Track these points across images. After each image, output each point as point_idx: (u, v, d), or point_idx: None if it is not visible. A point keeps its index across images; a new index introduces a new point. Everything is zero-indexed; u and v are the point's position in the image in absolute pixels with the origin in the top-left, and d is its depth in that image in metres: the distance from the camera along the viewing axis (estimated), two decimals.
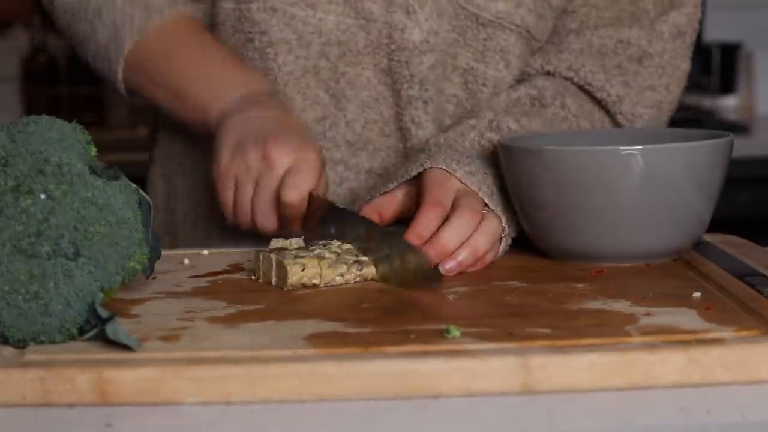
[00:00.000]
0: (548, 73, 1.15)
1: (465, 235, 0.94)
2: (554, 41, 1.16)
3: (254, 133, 1.04)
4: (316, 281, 0.90)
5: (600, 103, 1.14)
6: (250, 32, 1.12)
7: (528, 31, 1.14)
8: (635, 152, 0.93)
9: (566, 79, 1.14)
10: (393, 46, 1.11)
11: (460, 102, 1.14)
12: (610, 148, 0.95)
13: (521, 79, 1.16)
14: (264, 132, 1.03)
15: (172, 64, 1.13)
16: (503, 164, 1.00)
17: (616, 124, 1.15)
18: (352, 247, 0.94)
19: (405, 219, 1.00)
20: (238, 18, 1.13)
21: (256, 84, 1.10)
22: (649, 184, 0.93)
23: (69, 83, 2.92)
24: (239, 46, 1.13)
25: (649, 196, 0.94)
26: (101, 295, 0.77)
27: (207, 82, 1.11)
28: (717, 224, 1.04)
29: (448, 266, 0.93)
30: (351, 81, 1.12)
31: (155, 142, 1.26)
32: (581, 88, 1.14)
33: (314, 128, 1.12)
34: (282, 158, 1.02)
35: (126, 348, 0.74)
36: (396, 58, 1.11)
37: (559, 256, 0.98)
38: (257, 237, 1.06)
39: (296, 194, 1.00)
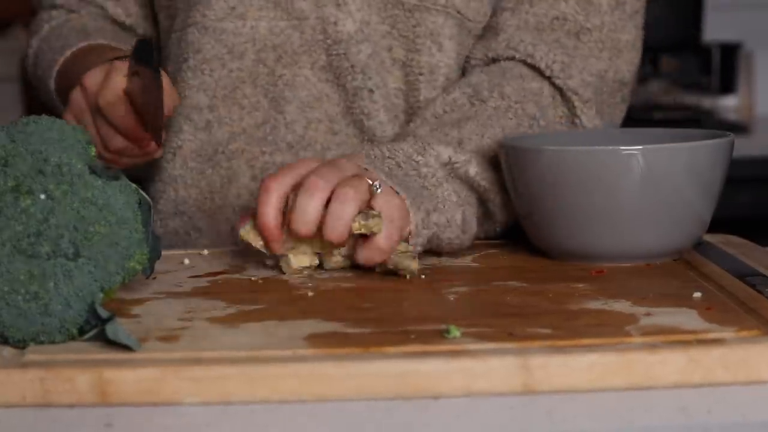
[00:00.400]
0: (493, 60, 1.12)
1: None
2: (492, 25, 1.14)
3: None
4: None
5: (546, 78, 1.11)
6: (185, 54, 1.14)
7: (458, 12, 1.13)
8: (635, 152, 0.93)
9: (508, 59, 1.11)
10: (329, 41, 1.11)
11: (405, 95, 1.14)
12: (610, 148, 0.95)
13: (460, 77, 1.14)
14: None
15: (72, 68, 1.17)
16: (503, 164, 1.00)
17: (565, 99, 1.11)
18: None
19: None
20: (177, 43, 1.15)
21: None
22: (649, 184, 0.93)
23: None
24: (177, 70, 1.15)
25: (650, 196, 0.94)
26: (101, 295, 0.76)
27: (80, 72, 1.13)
28: (717, 224, 1.04)
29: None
30: (289, 82, 1.12)
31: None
32: (525, 64, 1.11)
33: (254, 134, 1.13)
34: None
35: (126, 348, 0.74)
36: (334, 52, 1.11)
37: (560, 256, 0.98)
38: None
39: None
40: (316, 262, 0.97)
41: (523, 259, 1.00)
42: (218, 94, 1.13)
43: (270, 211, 0.95)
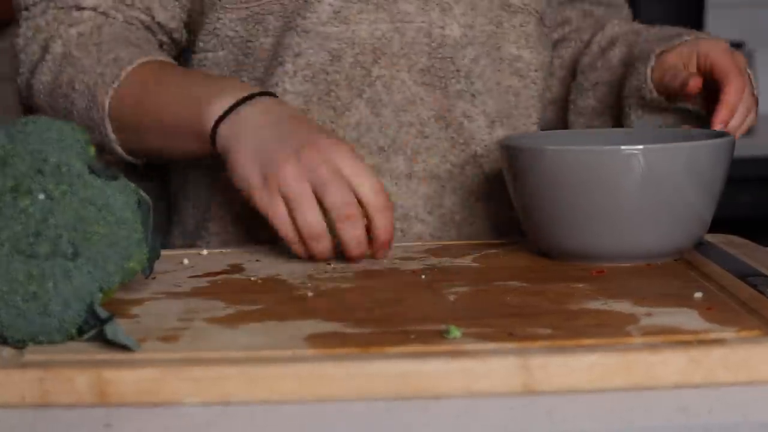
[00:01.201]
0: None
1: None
2: None
3: (282, 137, 0.99)
4: None
5: None
6: (281, 57, 1.10)
7: (541, 17, 1.18)
8: (636, 152, 0.93)
9: None
10: (434, 44, 1.11)
11: (518, 92, 1.15)
12: (611, 147, 0.95)
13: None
14: (297, 136, 0.99)
15: (154, 98, 1.06)
16: (503, 164, 1.00)
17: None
18: None
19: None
20: (271, 47, 1.11)
21: (247, 86, 1.05)
22: (650, 184, 0.93)
23: None
24: (267, 75, 1.11)
25: (650, 196, 0.94)
26: (100, 295, 0.76)
27: (194, 96, 1.05)
28: (718, 224, 1.04)
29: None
30: (386, 84, 1.11)
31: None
32: None
33: (348, 136, 1.11)
34: (351, 162, 0.98)
35: (125, 348, 0.73)
36: (438, 56, 1.12)
37: (560, 256, 0.98)
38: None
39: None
40: None
41: (523, 259, 1.00)
42: (313, 97, 1.11)
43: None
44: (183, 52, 1.19)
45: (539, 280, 0.91)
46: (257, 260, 1.02)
